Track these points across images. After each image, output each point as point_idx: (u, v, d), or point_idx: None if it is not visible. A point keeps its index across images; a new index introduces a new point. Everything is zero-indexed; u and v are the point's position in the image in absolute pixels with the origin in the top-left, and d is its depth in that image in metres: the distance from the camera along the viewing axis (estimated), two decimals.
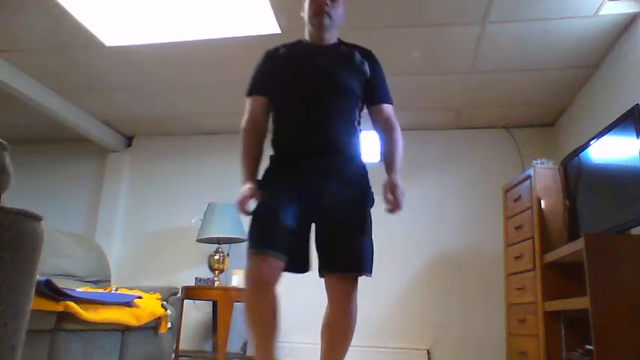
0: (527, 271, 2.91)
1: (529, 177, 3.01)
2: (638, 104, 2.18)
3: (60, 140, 4.76)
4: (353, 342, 1.81)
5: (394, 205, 1.75)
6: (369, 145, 2.00)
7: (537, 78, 3.30)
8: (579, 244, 2.23)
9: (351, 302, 1.77)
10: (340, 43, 2.00)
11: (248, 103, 1.96)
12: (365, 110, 1.98)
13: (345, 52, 1.94)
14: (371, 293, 3.09)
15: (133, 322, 2.52)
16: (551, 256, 2.68)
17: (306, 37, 1.98)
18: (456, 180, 4.00)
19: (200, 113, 4.13)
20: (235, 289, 3.56)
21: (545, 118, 3.92)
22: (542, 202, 2.89)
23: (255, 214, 1.76)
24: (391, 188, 1.77)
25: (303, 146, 1.83)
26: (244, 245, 4.00)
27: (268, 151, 1.92)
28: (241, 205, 1.75)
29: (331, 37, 1.96)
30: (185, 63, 3.29)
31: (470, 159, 4.07)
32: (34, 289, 0.95)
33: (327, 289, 1.79)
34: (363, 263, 1.74)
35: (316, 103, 1.83)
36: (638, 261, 2.09)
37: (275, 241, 1.67)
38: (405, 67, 3.22)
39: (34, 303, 0.99)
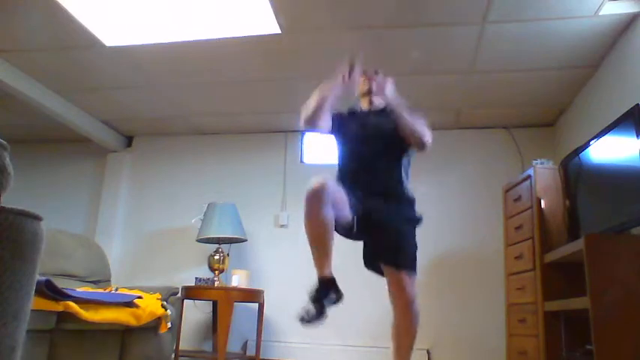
0: (527, 271, 2.91)
1: (529, 177, 3.01)
2: (638, 104, 2.18)
3: (60, 140, 4.76)
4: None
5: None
6: None
7: (537, 78, 3.30)
8: (579, 244, 2.23)
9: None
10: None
11: None
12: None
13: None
14: (371, 293, 3.09)
15: (133, 322, 2.52)
16: (551, 256, 2.68)
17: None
18: (456, 180, 4.00)
19: (200, 113, 4.12)
20: (235, 289, 3.56)
21: (545, 118, 3.92)
22: (542, 202, 2.89)
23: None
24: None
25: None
26: (244, 245, 4.06)
27: None
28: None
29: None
30: (185, 63, 3.29)
31: (470, 159, 4.07)
32: (34, 289, 0.95)
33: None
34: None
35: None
36: (638, 261, 2.09)
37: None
38: (405, 67, 3.22)
39: (34, 303, 0.99)
